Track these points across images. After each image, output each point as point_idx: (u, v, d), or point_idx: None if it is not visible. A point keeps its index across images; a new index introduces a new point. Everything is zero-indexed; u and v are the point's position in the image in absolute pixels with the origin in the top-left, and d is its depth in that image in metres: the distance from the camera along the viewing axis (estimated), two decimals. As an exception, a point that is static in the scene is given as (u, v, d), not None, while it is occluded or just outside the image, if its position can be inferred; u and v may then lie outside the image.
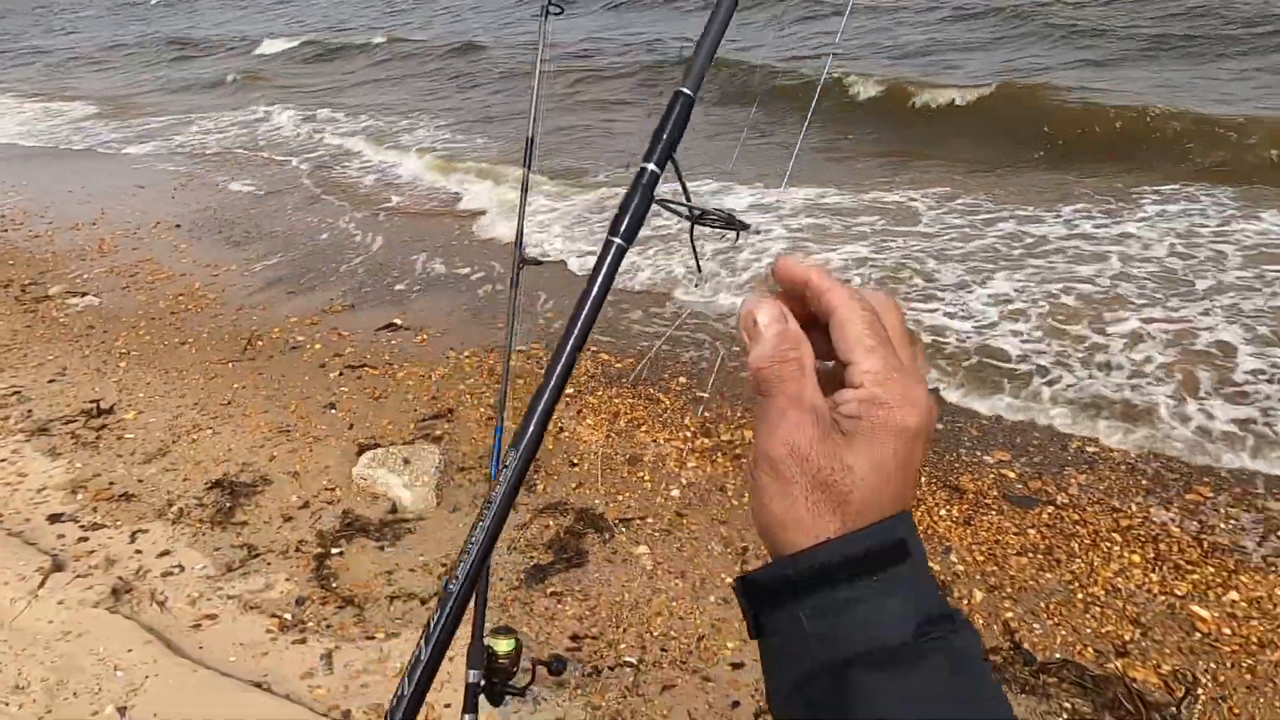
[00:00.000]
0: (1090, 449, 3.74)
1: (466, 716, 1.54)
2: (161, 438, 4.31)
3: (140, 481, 3.94)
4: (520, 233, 1.72)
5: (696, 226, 0.55)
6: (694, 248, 0.53)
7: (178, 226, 7.88)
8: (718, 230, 0.54)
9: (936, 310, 4.95)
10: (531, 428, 0.54)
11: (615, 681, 2.72)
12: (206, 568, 3.34)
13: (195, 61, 18.96)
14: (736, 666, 2.76)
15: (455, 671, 1.69)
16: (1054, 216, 6.15)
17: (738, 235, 0.52)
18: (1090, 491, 3.46)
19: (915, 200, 6.72)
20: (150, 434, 4.35)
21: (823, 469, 0.47)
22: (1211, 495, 3.38)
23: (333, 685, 2.75)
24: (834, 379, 0.50)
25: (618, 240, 0.52)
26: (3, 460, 4.12)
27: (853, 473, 0.47)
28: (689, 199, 0.53)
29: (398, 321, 5.57)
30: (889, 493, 0.48)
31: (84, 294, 6.33)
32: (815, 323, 0.50)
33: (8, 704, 2.58)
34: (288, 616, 3.07)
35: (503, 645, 1.63)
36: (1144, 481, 3.50)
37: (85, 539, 3.51)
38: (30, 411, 4.59)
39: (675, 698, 2.66)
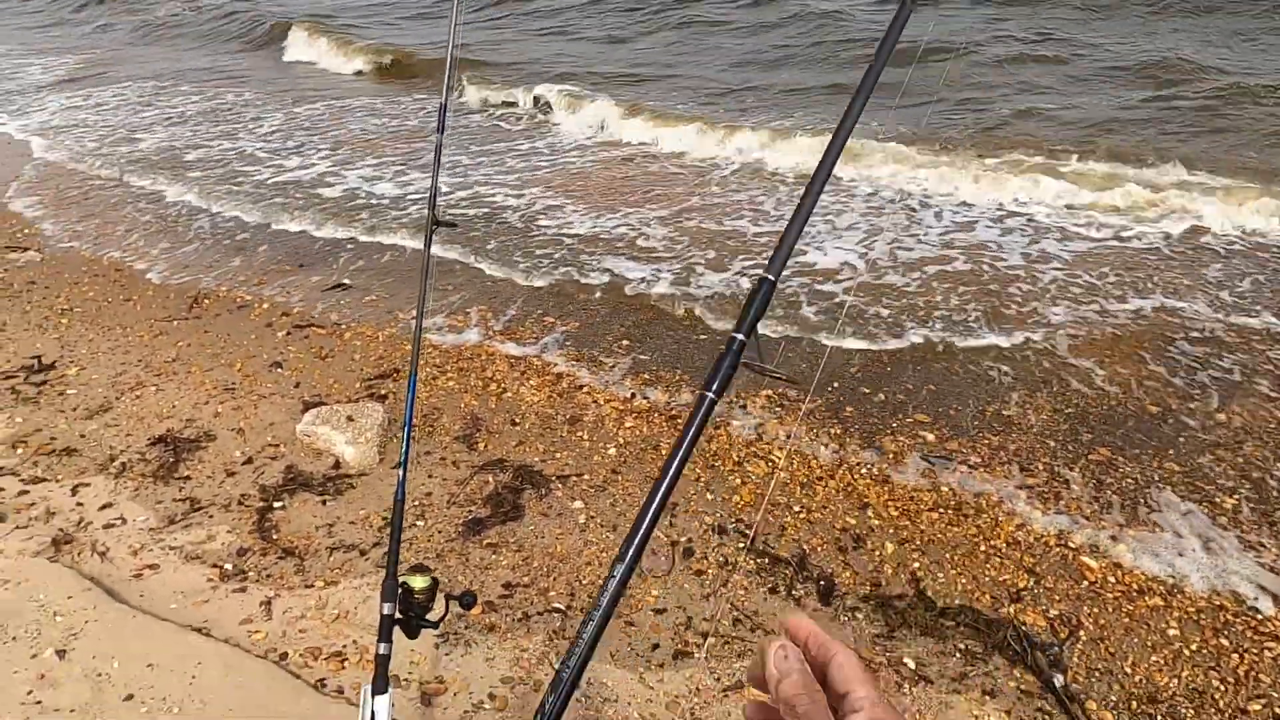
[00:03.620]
0: (1007, 412, 3.95)
1: (381, 645, 1.66)
2: (104, 394, 4.32)
3: (82, 437, 3.96)
4: (434, 196, 1.80)
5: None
6: (768, 373, 0.69)
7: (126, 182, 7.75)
8: (781, 381, 0.70)
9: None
10: (632, 551, 0.63)
11: (543, 626, 2.87)
12: (148, 520, 3.40)
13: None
14: (659, 612, 2.92)
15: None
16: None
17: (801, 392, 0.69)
18: (1000, 453, 3.67)
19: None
20: (93, 390, 4.36)
21: None
22: (1110, 455, 3.61)
23: (271, 630, 2.85)
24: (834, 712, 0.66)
25: (710, 394, 0.64)
26: (-59, 414, 4.11)
27: None
28: (762, 359, 0.67)
29: (347, 281, 5.59)
30: None
31: (25, 249, 6.23)
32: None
33: (-53, 648, 2.65)
34: (228, 566, 3.16)
35: (418, 582, 1.74)
36: (1051, 444, 3.71)
37: (26, 492, 3.54)
38: (-31, 366, 4.57)
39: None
